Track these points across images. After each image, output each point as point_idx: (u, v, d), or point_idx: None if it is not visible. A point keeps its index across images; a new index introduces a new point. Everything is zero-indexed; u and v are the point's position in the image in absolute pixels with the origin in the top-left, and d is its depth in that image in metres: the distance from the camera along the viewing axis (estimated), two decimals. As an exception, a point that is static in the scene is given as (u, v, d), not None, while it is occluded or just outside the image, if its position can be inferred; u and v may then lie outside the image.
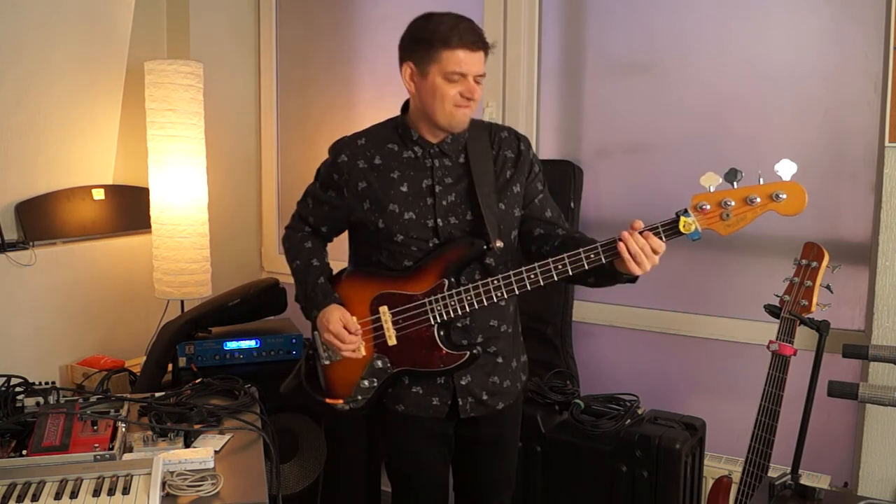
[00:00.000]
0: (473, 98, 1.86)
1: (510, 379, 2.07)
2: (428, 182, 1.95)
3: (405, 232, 1.94)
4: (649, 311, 2.78)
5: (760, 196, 1.69)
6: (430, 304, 1.91)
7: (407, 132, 1.96)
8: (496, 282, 1.87)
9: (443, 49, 1.82)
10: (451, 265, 1.92)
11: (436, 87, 1.85)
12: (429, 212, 1.94)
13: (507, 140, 2.02)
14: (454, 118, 1.88)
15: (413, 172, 1.96)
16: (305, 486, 2.78)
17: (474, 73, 1.84)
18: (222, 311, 2.80)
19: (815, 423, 2.12)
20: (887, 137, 2.16)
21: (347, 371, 2.01)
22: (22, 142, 2.83)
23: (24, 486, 1.55)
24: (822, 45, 2.46)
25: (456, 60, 1.82)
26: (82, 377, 2.89)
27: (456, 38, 1.81)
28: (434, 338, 1.93)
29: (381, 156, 1.97)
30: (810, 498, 1.60)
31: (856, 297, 2.44)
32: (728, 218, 1.72)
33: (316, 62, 3.47)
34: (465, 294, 1.89)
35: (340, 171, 1.98)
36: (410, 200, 1.94)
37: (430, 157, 1.96)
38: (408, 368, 1.97)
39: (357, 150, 1.98)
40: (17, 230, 2.86)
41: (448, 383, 2.00)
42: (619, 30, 2.80)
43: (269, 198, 3.62)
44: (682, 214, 1.74)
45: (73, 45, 2.91)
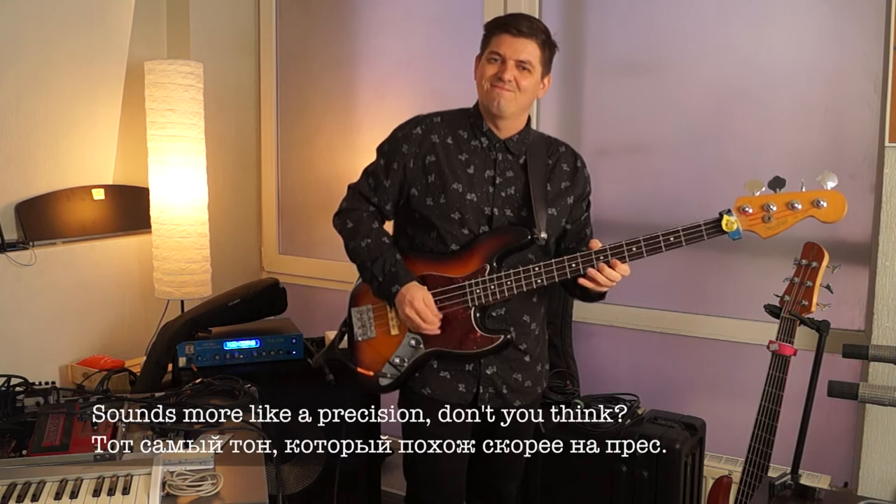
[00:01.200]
0: (504, 79, 1.95)
1: (532, 380, 2.12)
2: (490, 173, 2.04)
3: (464, 211, 2.01)
4: (649, 311, 2.78)
5: (802, 202, 1.79)
6: (469, 287, 1.97)
7: (478, 122, 2.06)
8: (537, 268, 1.94)
9: (492, 34, 2.00)
10: (495, 251, 1.99)
11: (480, 67, 2.02)
12: (487, 199, 2.02)
13: (565, 154, 2.12)
14: (490, 97, 1.98)
15: (478, 160, 2.04)
16: (305, 486, 2.78)
17: (514, 57, 1.96)
18: (222, 311, 2.80)
19: (815, 423, 2.12)
20: (887, 137, 2.16)
21: (380, 348, 2.08)
22: (22, 142, 2.83)
23: (24, 486, 1.55)
24: (822, 45, 2.46)
25: (497, 42, 1.98)
26: (82, 377, 2.89)
27: (504, 25, 1.98)
28: (470, 320, 1.99)
29: (453, 137, 2.06)
30: (810, 498, 1.60)
31: (856, 297, 2.44)
32: (769, 221, 1.81)
33: (316, 62, 3.47)
34: (505, 279, 1.95)
35: (412, 141, 2.06)
36: (474, 183, 2.03)
37: (496, 150, 2.05)
38: (440, 349, 2.01)
39: (432, 126, 2.07)
40: (17, 230, 2.86)
41: (476, 371, 2.05)
42: (619, 29, 2.80)
43: (269, 198, 3.62)
44: (726, 213, 1.83)
45: (72, 45, 2.91)
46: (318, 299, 3.48)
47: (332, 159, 3.46)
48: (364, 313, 2.12)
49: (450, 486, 2.17)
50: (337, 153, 3.44)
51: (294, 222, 3.59)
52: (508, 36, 1.96)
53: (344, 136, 3.40)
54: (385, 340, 2.07)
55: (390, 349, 2.06)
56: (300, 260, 3.56)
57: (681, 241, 1.87)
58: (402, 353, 2.05)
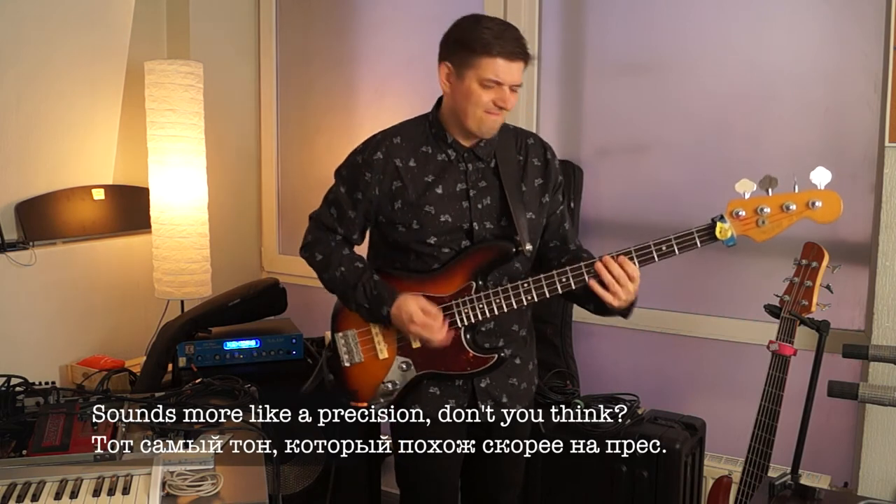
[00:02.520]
0: (506, 107, 1.86)
1: (527, 381, 2.10)
2: (462, 186, 1.95)
3: (439, 234, 1.93)
4: (649, 311, 2.77)
5: (797, 203, 1.72)
6: (457, 307, 1.90)
7: (441, 133, 1.95)
8: (526, 285, 1.86)
9: (483, 56, 1.82)
10: (480, 267, 1.91)
11: (471, 92, 1.85)
12: (464, 215, 1.93)
13: (534, 147, 2.02)
14: (484, 124, 1.88)
15: (447, 175, 1.95)
16: (305, 486, 2.78)
17: (510, 82, 1.84)
18: (222, 311, 2.80)
19: (815, 423, 2.12)
20: (887, 137, 2.16)
21: (369, 373, 2.00)
22: (22, 142, 2.83)
23: (24, 486, 1.55)
24: (822, 45, 2.46)
25: (493, 69, 1.82)
26: (82, 377, 2.89)
27: (498, 47, 1.81)
28: (461, 340, 1.92)
29: (416, 158, 1.95)
30: (810, 498, 1.60)
31: (856, 297, 2.44)
32: (763, 224, 1.75)
33: (316, 62, 3.47)
34: (493, 297, 1.88)
35: (374, 168, 1.95)
36: (446, 203, 1.93)
37: (464, 160, 1.95)
38: (432, 371, 1.96)
39: (393, 149, 1.96)
40: (17, 230, 2.86)
41: (466, 386, 2.00)
42: (619, 29, 2.80)
43: (269, 198, 3.62)
44: (719, 220, 1.76)
45: (72, 45, 2.91)
46: (318, 299, 3.47)
47: (332, 159, 3.43)
48: (349, 338, 2.04)
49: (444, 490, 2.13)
50: (337, 153, 3.41)
51: (294, 222, 3.59)
52: (504, 60, 1.81)
53: (344, 136, 3.40)
54: (374, 364, 1.99)
55: (380, 373, 1.98)
56: (300, 260, 3.49)
57: (673, 250, 1.79)
58: (393, 377, 1.98)
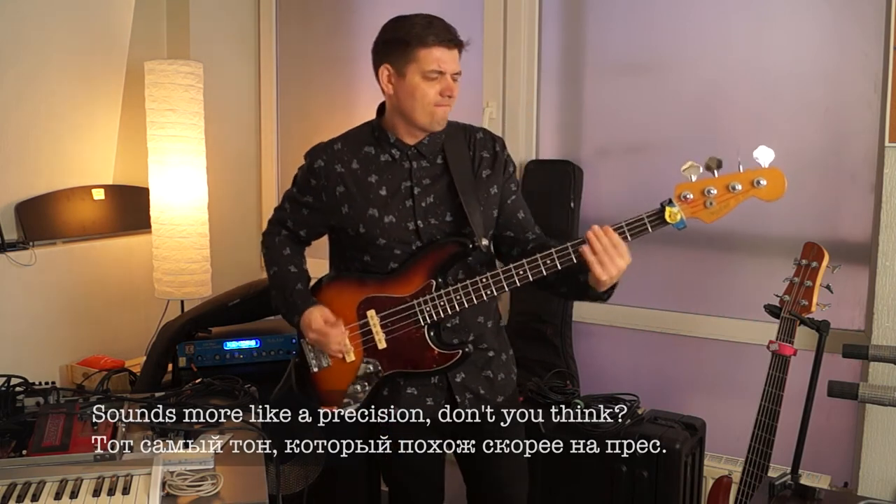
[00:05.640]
0: (453, 96, 1.88)
1: (503, 371, 2.09)
2: (406, 184, 1.95)
3: (387, 236, 1.93)
4: (649, 311, 2.78)
5: (742, 183, 1.73)
6: (419, 306, 1.91)
7: (384, 134, 1.96)
8: (485, 280, 1.86)
9: (420, 48, 1.83)
10: (437, 265, 1.92)
11: (415, 87, 1.85)
12: (409, 214, 1.94)
13: (483, 141, 2.02)
14: (434, 117, 1.88)
15: (391, 175, 1.95)
16: (305, 487, 2.78)
17: (452, 70, 1.86)
18: (222, 311, 2.80)
19: (815, 423, 2.12)
20: (887, 137, 2.16)
21: (337, 377, 2.00)
22: (22, 142, 2.83)
23: (24, 486, 1.55)
24: (822, 45, 2.46)
25: (434, 58, 1.83)
26: (82, 377, 2.89)
27: (432, 37, 1.83)
28: (425, 338, 1.93)
29: (358, 160, 1.96)
30: (810, 498, 1.60)
31: (856, 297, 2.44)
32: (711, 206, 1.75)
33: (316, 62, 3.47)
34: (454, 294, 1.88)
35: (318, 176, 1.97)
36: (389, 203, 1.94)
37: (408, 158, 1.96)
38: (399, 371, 1.96)
39: (333, 155, 1.97)
40: (17, 230, 2.87)
41: (442, 382, 2.00)
42: (619, 30, 2.80)
43: (269, 198, 3.62)
44: (667, 205, 1.78)
45: (73, 45, 2.91)
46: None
47: (332, 159, 3.45)
48: None
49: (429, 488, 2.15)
50: (337, 153, 3.44)
51: (294, 222, 3.59)
52: (441, 49, 1.83)
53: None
54: (341, 368, 1.98)
55: (347, 377, 1.98)
56: (300, 260, 3.55)
57: (626, 237, 1.78)
58: (361, 380, 1.98)
